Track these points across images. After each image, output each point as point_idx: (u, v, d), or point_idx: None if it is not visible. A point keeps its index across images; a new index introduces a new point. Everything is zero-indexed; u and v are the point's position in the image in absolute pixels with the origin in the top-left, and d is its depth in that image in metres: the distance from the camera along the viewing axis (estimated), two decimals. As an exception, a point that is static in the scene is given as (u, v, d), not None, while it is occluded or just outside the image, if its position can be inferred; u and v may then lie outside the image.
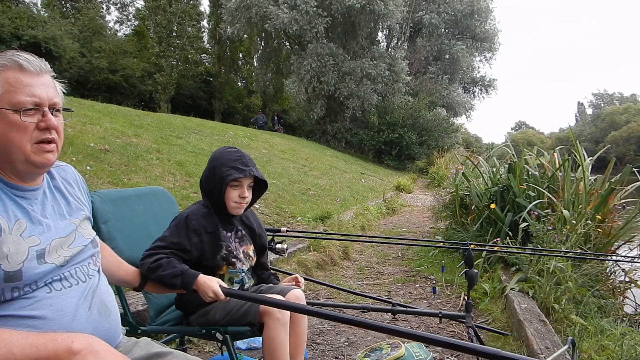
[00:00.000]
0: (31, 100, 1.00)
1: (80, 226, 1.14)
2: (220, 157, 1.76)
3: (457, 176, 6.13)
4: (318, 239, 4.51)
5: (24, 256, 0.96)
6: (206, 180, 1.77)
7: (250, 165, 1.75)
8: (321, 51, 20.91)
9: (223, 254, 1.73)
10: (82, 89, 20.21)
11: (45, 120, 1.02)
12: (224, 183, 1.70)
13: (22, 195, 1.03)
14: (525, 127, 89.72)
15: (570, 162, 4.39)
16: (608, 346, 2.37)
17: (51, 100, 1.04)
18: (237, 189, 1.73)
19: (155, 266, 1.57)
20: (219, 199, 1.74)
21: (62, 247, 1.05)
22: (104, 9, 30.03)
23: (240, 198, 1.74)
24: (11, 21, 17.20)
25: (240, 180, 1.72)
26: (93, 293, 1.09)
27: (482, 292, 3.51)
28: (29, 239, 0.99)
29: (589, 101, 73.00)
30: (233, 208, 1.75)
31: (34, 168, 1.03)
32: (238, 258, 1.77)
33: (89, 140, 6.09)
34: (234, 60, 32.30)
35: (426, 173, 18.75)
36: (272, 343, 1.62)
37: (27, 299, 0.96)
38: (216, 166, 1.74)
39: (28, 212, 1.02)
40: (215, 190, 1.73)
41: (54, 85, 1.07)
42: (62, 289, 1.02)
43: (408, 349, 2.21)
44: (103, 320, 1.08)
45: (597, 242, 3.85)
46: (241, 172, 1.71)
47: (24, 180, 1.05)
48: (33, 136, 1.01)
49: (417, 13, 25.98)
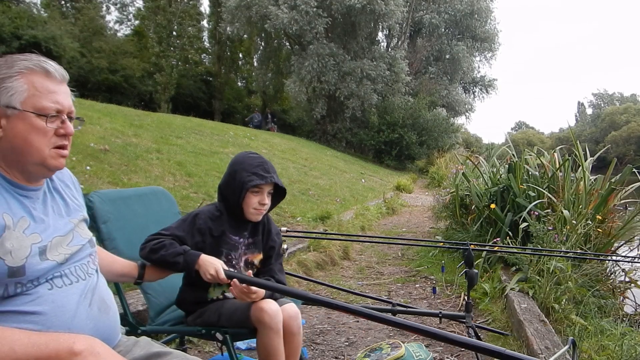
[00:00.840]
0: (54, 107, 1.05)
1: (78, 226, 1.16)
2: (242, 162, 1.73)
3: (457, 176, 6.13)
4: (318, 239, 4.51)
5: (27, 252, 0.98)
6: (225, 184, 1.75)
7: (271, 172, 1.73)
8: (322, 51, 20.91)
9: (222, 260, 1.72)
10: (82, 89, 20.21)
11: (65, 127, 1.07)
12: (244, 188, 1.67)
13: (25, 195, 1.05)
14: (525, 127, 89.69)
15: (570, 162, 4.39)
16: (608, 346, 2.37)
17: (70, 108, 1.10)
18: (257, 196, 1.71)
19: (159, 247, 1.58)
20: (236, 204, 1.71)
21: (62, 245, 1.07)
22: (104, 9, 30.04)
23: (259, 205, 1.71)
24: (11, 21, 17.22)
25: (261, 187, 1.70)
26: (93, 290, 1.10)
27: (482, 292, 3.51)
28: (32, 235, 1.00)
29: (589, 101, 73.02)
30: (252, 214, 1.73)
31: (47, 171, 1.08)
32: (235, 268, 1.74)
33: (89, 140, 6.09)
34: (234, 60, 32.28)
35: (426, 173, 18.75)
36: (265, 349, 1.62)
37: (29, 294, 0.97)
38: (237, 171, 1.71)
39: (30, 211, 1.04)
40: (234, 195, 1.70)
41: (70, 94, 1.13)
42: (63, 286, 1.03)
43: (408, 349, 2.20)
44: (103, 317, 1.10)
45: (597, 242, 3.85)
46: (262, 179, 1.68)
47: (28, 181, 1.07)
48: (52, 141, 1.05)
49: (417, 13, 25.98)
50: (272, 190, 1.76)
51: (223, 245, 1.73)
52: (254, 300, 1.58)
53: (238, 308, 1.66)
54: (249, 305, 1.63)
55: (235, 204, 1.72)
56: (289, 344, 1.69)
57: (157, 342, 1.25)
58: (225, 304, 1.71)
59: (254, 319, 1.61)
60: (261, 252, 1.82)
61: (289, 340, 1.69)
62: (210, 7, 30.52)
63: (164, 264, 1.58)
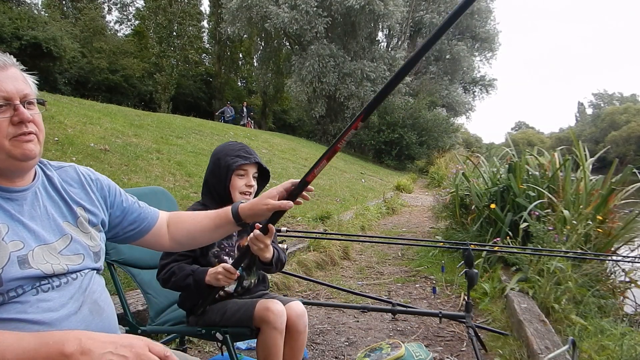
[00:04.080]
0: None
1: (80, 230, 1.09)
2: (224, 149, 1.79)
3: (457, 176, 6.13)
4: (318, 239, 4.51)
5: (4, 261, 0.92)
6: (211, 173, 1.77)
7: (253, 153, 1.78)
8: (322, 52, 20.94)
9: (214, 250, 1.73)
10: (83, 89, 20.24)
11: (18, 114, 0.96)
12: (229, 170, 1.71)
13: (8, 197, 0.99)
14: (525, 127, 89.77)
15: (570, 162, 4.39)
16: (608, 346, 2.37)
17: (21, 92, 0.98)
18: (243, 178, 1.74)
19: (168, 276, 1.63)
20: (224, 192, 1.73)
21: (52, 252, 1.01)
22: (105, 9, 30.07)
23: (246, 187, 1.74)
24: (12, 21, 17.22)
25: (245, 169, 1.74)
26: (84, 292, 1.05)
27: (482, 292, 3.51)
28: (11, 243, 0.95)
29: (589, 101, 73.13)
30: (240, 198, 1.73)
31: (18, 162, 0.99)
32: (231, 255, 1.75)
33: (89, 140, 6.09)
34: (234, 60, 32.31)
35: (426, 173, 18.75)
36: (265, 347, 1.62)
37: (13, 303, 0.93)
38: (220, 158, 1.75)
39: (12, 215, 0.98)
40: (220, 182, 1.73)
41: (23, 78, 1.02)
42: (50, 290, 0.98)
43: (408, 349, 2.21)
44: (95, 319, 1.05)
45: (598, 242, 3.85)
46: (246, 159, 1.73)
47: (11, 180, 1.01)
48: (9, 132, 0.96)
49: (417, 13, 26.00)
50: (256, 173, 1.80)
51: None
52: (264, 251, 1.42)
53: (242, 307, 1.66)
54: (254, 304, 1.64)
55: (222, 192, 1.74)
56: (295, 342, 1.70)
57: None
58: (229, 303, 1.72)
59: (258, 317, 1.61)
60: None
61: (295, 338, 1.70)
62: (210, 7, 30.56)
63: (179, 290, 1.65)
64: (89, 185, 1.18)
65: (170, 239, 1.32)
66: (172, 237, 1.32)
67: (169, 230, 1.32)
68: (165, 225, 1.32)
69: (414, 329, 2.99)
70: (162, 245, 1.33)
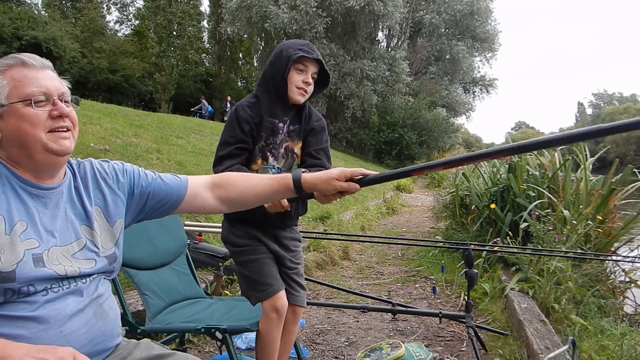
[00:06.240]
0: (39, 91, 1.00)
1: (95, 234, 1.10)
2: (287, 42, 1.75)
3: (457, 176, 6.13)
4: (318, 239, 4.51)
5: (19, 257, 0.95)
6: (270, 64, 1.73)
7: (316, 51, 1.73)
8: (322, 52, 20.91)
9: (261, 144, 1.71)
10: (83, 89, 20.25)
11: (57, 108, 1.02)
12: (290, 61, 1.66)
13: (35, 194, 1.02)
14: (525, 127, 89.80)
15: (570, 162, 4.39)
16: (608, 346, 2.37)
17: (59, 90, 1.04)
18: (301, 74, 1.70)
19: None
20: (281, 83, 1.69)
21: (65, 254, 1.03)
22: (105, 9, 30.07)
23: (303, 83, 1.70)
24: (12, 21, 17.23)
25: (306, 64, 1.69)
26: (91, 296, 1.07)
27: (482, 292, 3.51)
28: (27, 241, 0.97)
29: (589, 101, 73.14)
30: (295, 93, 1.70)
31: (54, 156, 1.02)
32: (273, 153, 1.73)
33: (89, 140, 6.09)
34: (234, 60, 32.33)
35: (426, 173, 18.72)
36: (263, 336, 1.67)
37: (21, 302, 0.95)
38: (283, 49, 1.70)
39: (33, 214, 1.00)
40: (279, 72, 1.68)
41: (59, 79, 1.08)
42: (60, 292, 1.00)
43: (408, 349, 2.20)
44: (99, 322, 1.06)
45: (598, 242, 3.85)
46: (309, 54, 1.68)
47: (41, 178, 1.04)
48: (47, 125, 1.00)
49: (417, 13, 26.01)
50: (315, 74, 1.74)
51: (263, 129, 1.71)
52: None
53: (263, 274, 1.69)
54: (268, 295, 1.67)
55: (279, 83, 1.69)
56: (285, 335, 1.77)
57: (157, 343, 1.24)
58: (260, 264, 1.72)
59: (264, 310, 1.66)
60: (301, 141, 1.79)
61: (287, 329, 1.76)
62: (210, 7, 30.57)
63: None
64: (104, 180, 1.18)
65: (217, 201, 1.28)
66: (221, 199, 1.28)
67: (214, 192, 1.28)
68: (203, 189, 1.28)
69: (414, 329, 2.99)
70: (204, 209, 1.31)
